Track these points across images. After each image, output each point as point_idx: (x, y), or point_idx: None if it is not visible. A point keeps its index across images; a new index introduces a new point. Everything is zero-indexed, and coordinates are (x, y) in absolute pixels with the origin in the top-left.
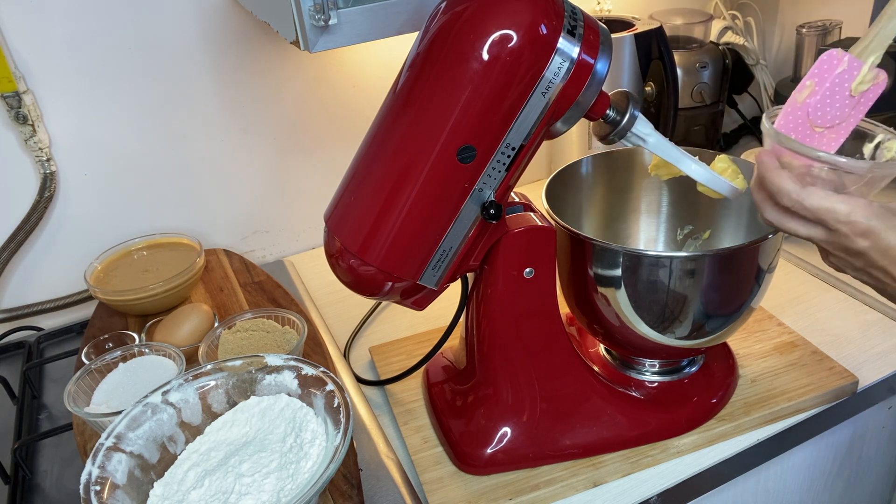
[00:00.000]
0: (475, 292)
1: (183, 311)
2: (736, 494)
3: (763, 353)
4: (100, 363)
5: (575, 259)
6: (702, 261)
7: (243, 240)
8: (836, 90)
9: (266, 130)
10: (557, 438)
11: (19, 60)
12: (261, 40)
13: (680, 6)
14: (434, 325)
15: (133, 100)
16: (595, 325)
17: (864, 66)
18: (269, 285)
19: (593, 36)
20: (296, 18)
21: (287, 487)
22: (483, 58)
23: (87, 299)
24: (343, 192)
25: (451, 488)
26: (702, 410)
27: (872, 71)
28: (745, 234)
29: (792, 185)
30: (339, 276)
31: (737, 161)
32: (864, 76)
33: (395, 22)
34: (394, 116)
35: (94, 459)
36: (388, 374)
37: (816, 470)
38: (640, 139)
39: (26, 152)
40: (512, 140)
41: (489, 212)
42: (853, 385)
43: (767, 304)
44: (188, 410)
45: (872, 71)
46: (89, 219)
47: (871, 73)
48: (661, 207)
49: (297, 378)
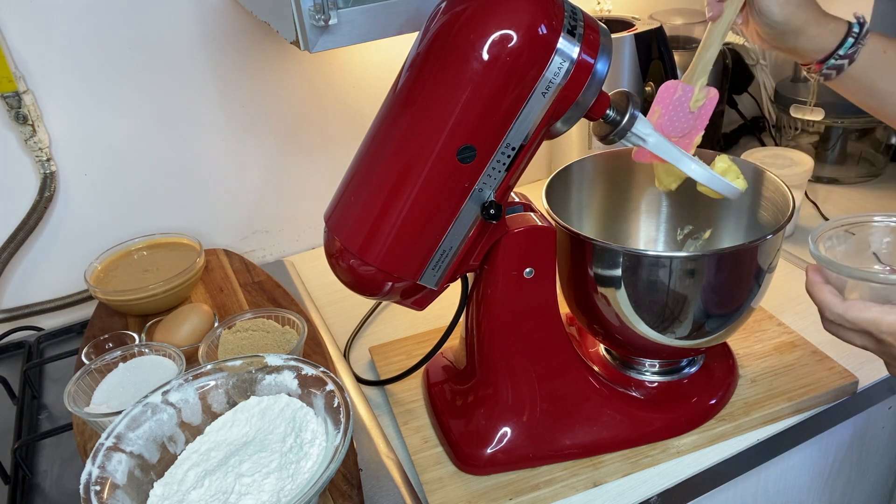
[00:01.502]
0: (475, 292)
1: (183, 311)
2: (736, 494)
3: (763, 353)
4: (100, 363)
5: (575, 259)
6: (702, 261)
7: (243, 240)
8: (678, 109)
9: (266, 130)
10: (557, 438)
11: (19, 60)
12: (261, 40)
13: (680, 6)
14: (434, 325)
15: (133, 100)
16: (595, 325)
17: (695, 89)
18: (269, 285)
19: (593, 36)
20: (296, 18)
21: (287, 487)
22: (483, 58)
23: (87, 299)
24: (343, 192)
25: (451, 488)
26: (702, 410)
27: (703, 90)
28: (745, 234)
29: (832, 298)
30: (339, 276)
31: (737, 161)
32: (696, 96)
33: (395, 22)
34: (394, 116)
35: (94, 459)
36: (388, 374)
37: (816, 470)
38: (640, 139)
39: (26, 152)
40: (512, 140)
41: (489, 212)
42: (853, 385)
43: (767, 304)
44: (188, 410)
45: (703, 90)
46: (89, 219)
47: (702, 92)
48: (661, 207)
49: (297, 378)
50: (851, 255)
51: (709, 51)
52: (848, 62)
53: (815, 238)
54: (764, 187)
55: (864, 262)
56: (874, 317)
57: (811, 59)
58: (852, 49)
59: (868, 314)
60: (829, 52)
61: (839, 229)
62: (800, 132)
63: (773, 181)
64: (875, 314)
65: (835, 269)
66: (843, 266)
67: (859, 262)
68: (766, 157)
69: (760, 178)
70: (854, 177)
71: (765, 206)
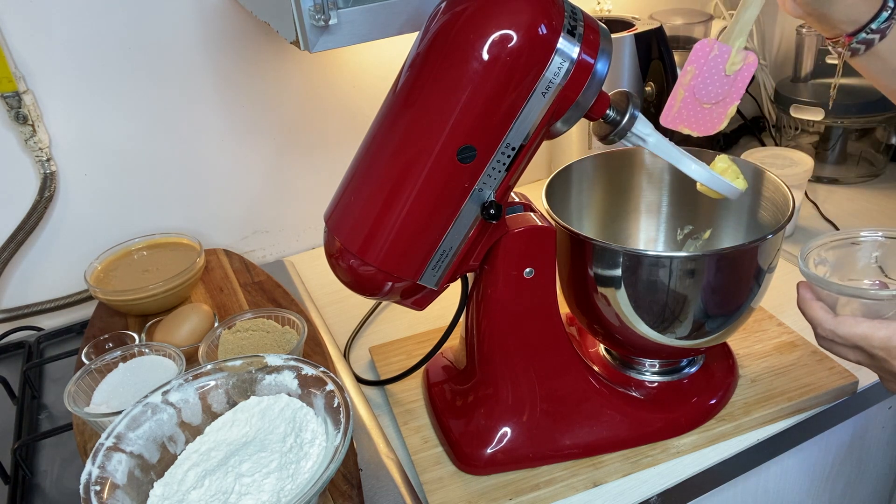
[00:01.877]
0: (475, 292)
1: (183, 311)
2: (736, 494)
3: (763, 353)
4: (100, 363)
5: (575, 259)
6: (702, 261)
7: (243, 240)
8: (713, 71)
9: (266, 130)
10: (557, 438)
11: (19, 60)
12: (261, 40)
13: (680, 6)
14: (434, 325)
15: (133, 100)
16: (595, 325)
17: (731, 50)
18: (269, 285)
19: (593, 36)
20: (296, 18)
21: (287, 487)
22: (483, 58)
23: (87, 299)
24: (343, 192)
25: (451, 488)
26: (702, 410)
27: (741, 53)
28: (745, 234)
29: (824, 315)
30: (339, 276)
31: (737, 161)
32: (733, 59)
33: (395, 22)
34: (394, 116)
35: (94, 459)
36: (388, 374)
37: (816, 470)
38: (640, 139)
39: (26, 152)
40: (512, 140)
41: (489, 212)
42: (853, 385)
43: (767, 304)
44: (188, 410)
45: (741, 53)
46: (89, 219)
47: (739, 55)
48: (661, 207)
49: (297, 378)
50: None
51: (749, 9)
52: (879, 37)
53: (805, 255)
54: (764, 187)
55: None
56: (865, 332)
57: (841, 30)
58: (885, 23)
59: (859, 329)
60: (861, 25)
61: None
62: (800, 132)
63: (773, 181)
64: (865, 329)
65: (824, 286)
66: (832, 283)
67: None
68: (766, 157)
69: (760, 178)
70: (854, 177)
71: (765, 206)
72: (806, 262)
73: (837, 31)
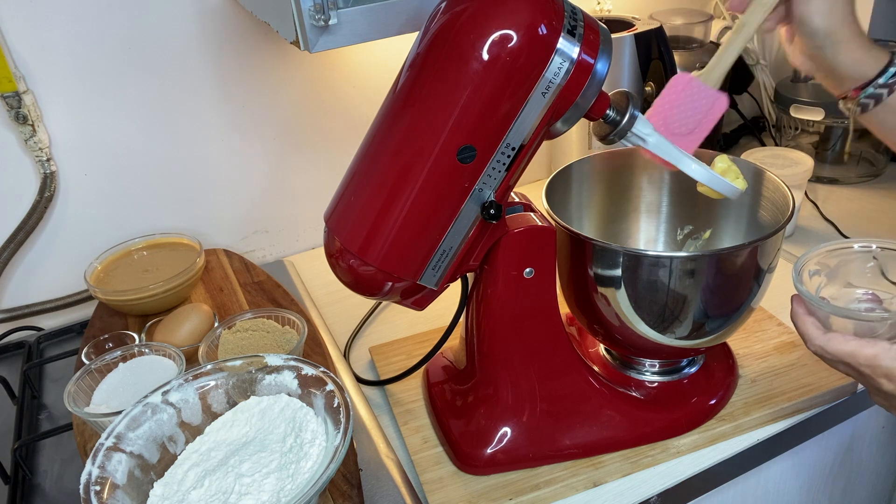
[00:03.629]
0: (475, 292)
1: (183, 311)
2: (736, 494)
3: (763, 353)
4: (100, 363)
5: (575, 259)
6: (702, 261)
7: (243, 240)
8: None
9: (266, 130)
10: (557, 438)
11: (19, 60)
12: (261, 40)
13: (680, 6)
14: (434, 325)
15: (133, 100)
16: (595, 325)
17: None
18: (269, 285)
19: (593, 36)
20: (296, 18)
21: (287, 487)
22: (483, 58)
23: (87, 299)
24: (343, 192)
25: (451, 488)
26: (702, 410)
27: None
28: (745, 234)
29: (814, 331)
30: (339, 276)
31: (737, 161)
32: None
33: (395, 22)
34: (394, 116)
35: (94, 459)
36: (388, 374)
37: (816, 470)
38: (640, 139)
39: (26, 152)
40: (512, 140)
41: (489, 212)
42: (853, 385)
43: (767, 304)
44: (188, 410)
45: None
46: (89, 219)
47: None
48: (661, 207)
49: (297, 378)
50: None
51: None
52: (888, 92)
53: (799, 269)
54: (764, 187)
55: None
56: (852, 350)
57: (849, 85)
58: (893, 79)
59: (846, 347)
60: (868, 80)
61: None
62: (800, 132)
63: (773, 181)
64: (853, 347)
65: (816, 304)
66: (823, 303)
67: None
68: (766, 157)
69: (760, 178)
70: (854, 177)
71: (765, 206)
72: (800, 275)
73: (845, 86)
